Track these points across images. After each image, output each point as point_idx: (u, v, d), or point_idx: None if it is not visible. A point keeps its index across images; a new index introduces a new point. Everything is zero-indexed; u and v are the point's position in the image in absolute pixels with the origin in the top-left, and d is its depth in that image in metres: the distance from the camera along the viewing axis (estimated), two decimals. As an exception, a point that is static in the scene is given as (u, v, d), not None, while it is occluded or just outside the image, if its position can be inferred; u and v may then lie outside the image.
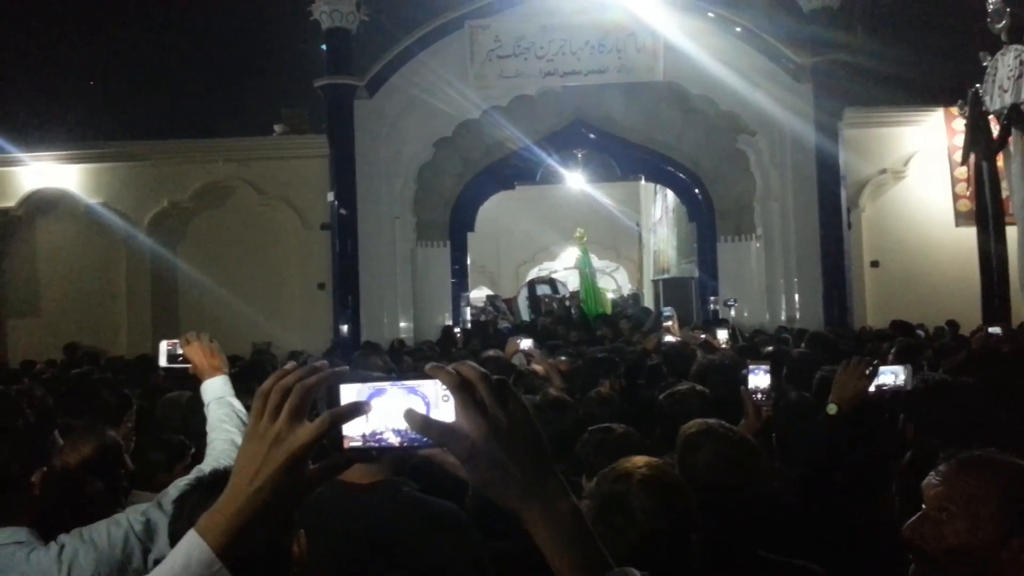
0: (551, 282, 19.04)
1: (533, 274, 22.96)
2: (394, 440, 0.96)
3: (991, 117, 9.65)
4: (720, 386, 3.85)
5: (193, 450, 3.19)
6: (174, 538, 1.65)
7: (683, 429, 2.12)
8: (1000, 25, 9.16)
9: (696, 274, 15.47)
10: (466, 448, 0.91)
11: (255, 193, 13.51)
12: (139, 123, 14.01)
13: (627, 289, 25.15)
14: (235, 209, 13.67)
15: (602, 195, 22.34)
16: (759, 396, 3.22)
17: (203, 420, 2.58)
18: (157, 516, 1.95)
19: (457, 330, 10.64)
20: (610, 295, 19.78)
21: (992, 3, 9.16)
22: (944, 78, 10.98)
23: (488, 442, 0.90)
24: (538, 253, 25.55)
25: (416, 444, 0.95)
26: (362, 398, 0.96)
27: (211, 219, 13.71)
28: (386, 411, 0.96)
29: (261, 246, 13.54)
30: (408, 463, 2.39)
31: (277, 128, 13.85)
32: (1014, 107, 9.02)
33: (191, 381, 2.90)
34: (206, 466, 2.27)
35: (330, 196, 12.81)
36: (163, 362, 2.88)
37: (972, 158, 10.16)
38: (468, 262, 15.47)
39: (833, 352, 5.29)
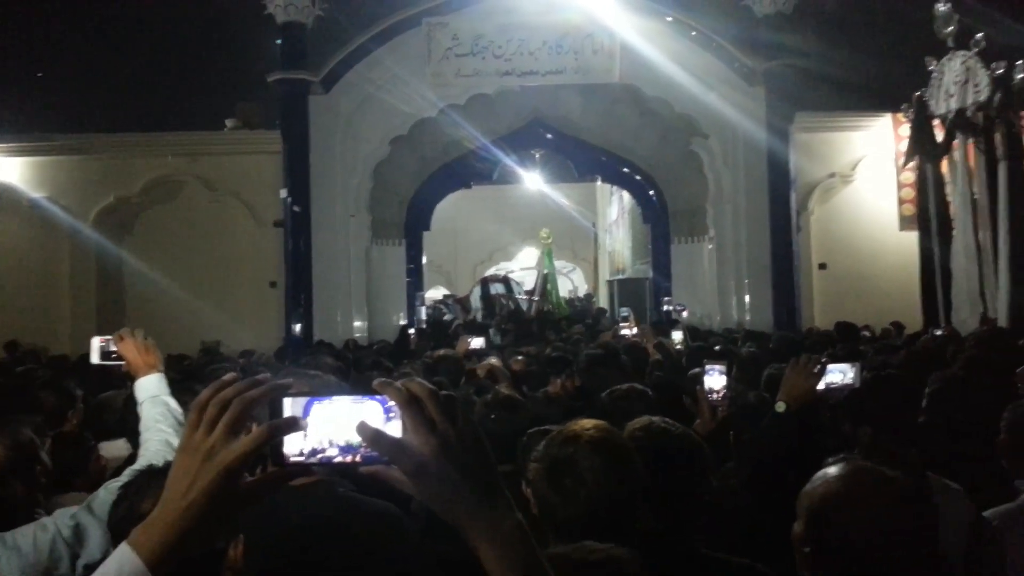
0: (506, 281, 18.92)
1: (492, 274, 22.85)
2: (338, 455, 0.94)
3: (936, 122, 9.85)
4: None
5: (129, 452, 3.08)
6: (115, 528, 1.66)
7: (627, 427, 2.08)
8: (947, 31, 9.35)
9: (650, 275, 15.62)
10: (414, 464, 0.90)
11: (206, 189, 13.21)
12: (86, 116, 13.58)
13: (582, 290, 25.27)
14: (185, 205, 13.34)
15: (559, 196, 22.41)
16: (715, 396, 3.20)
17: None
18: (87, 520, 1.89)
19: (412, 331, 10.55)
20: (563, 295, 19.79)
21: (939, 9, 9.35)
22: (894, 83, 11.18)
23: (437, 458, 0.90)
24: (495, 253, 25.57)
25: (361, 460, 0.94)
26: (299, 408, 0.94)
27: (160, 215, 13.36)
28: (331, 423, 0.94)
29: (212, 243, 13.23)
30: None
31: (229, 123, 13.54)
32: (959, 112, 9.22)
33: (127, 379, 2.80)
34: (139, 467, 2.18)
35: (283, 193, 12.58)
36: (95, 359, 2.78)
37: (916, 162, 10.36)
38: (424, 261, 15.42)
39: (798, 353, 5.32)
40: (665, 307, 14.22)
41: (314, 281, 12.71)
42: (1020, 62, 8.66)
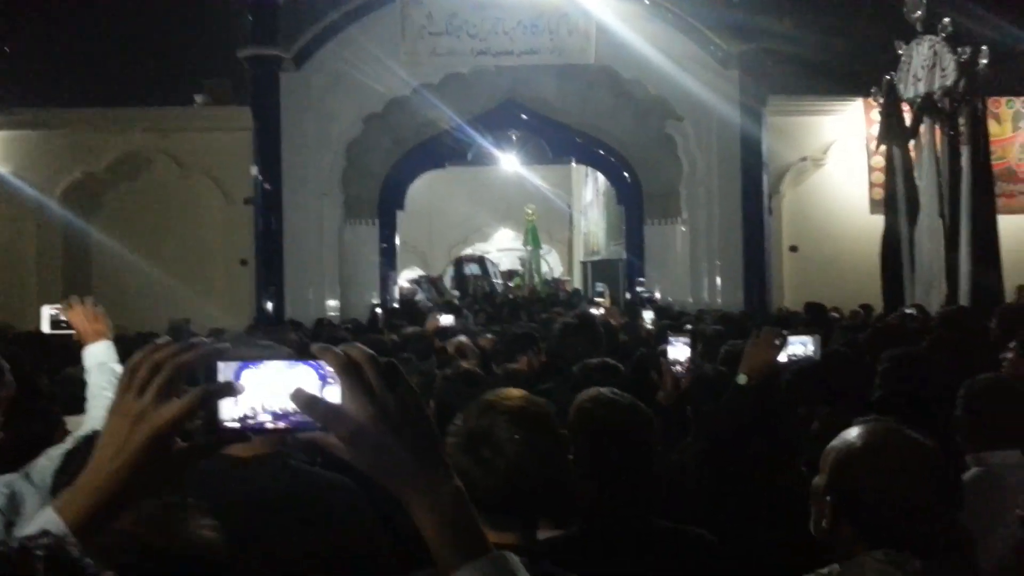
0: (480, 261, 18.77)
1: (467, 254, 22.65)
2: (272, 421, 0.92)
3: (905, 105, 9.93)
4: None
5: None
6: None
7: (577, 398, 2.09)
8: (916, 15, 9.41)
9: (624, 256, 15.67)
10: (350, 430, 0.88)
11: (175, 165, 12.98)
12: (52, 90, 13.28)
13: (557, 271, 25.29)
14: (154, 181, 13.11)
15: (535, 177, 22.36)
16: (677, 368, 3.20)
17: None
18: (23, 488, 1.85)
19: (379, 310, 10.49)
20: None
21: (909, -7, 9.40)
22: (867, 67, 11.25)
23: (375, 425, 0.88)
24: (471, 234, 25.47)
25: (297, 426, 0.91)
26: (231, 373, 0.92)
27: (128, 191, 13.12)
28: (262, 388, 0.92)
29: (181, 220, 13.05)
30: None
31: (198, 99, 13.32)
32: (927, 96, 9.30)
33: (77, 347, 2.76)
34: (83, 434, 2.14)
35: (254, 170, 12.43)
36: (46, 327, 2.76)
37: (886, 147, 10.45)
38: (398, 241, 15.30)
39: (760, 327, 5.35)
40: (639, 288, 14.29)
41: (285, 259, 12.59)
42: (984, 48, 8.74)
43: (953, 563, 1.53)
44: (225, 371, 0.93)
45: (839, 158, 13.55)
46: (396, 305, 13.80)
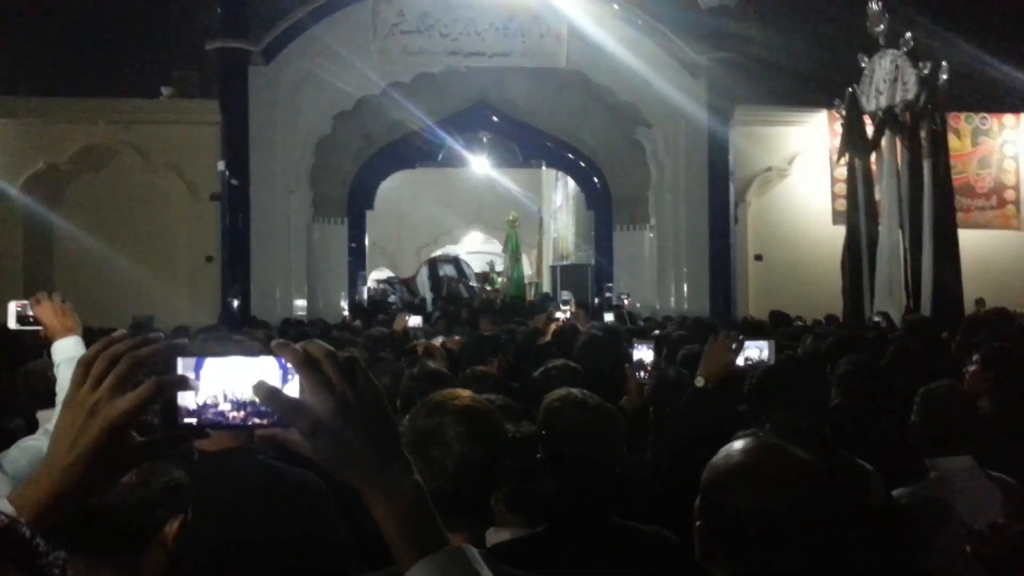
0: (455, 261, 18.54)
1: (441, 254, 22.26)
2: (231, 413, 0.92)
3: (866, 118, 10.13)
4: (599, 361, 3.89)
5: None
6: None
7: (546, 398, 2.11)
8: (878, 29, 9.60)
9: (593, 261, 15.75)
10: (310, 424, 0.87)
11: (140, 158, 12.71)
12: (15, 78, 12.96)
13: (526, 276, 25.30)
14: (118, 174, 12.84)
15: (506, 180, 22.37)
16: (642, 373, 3.25)
17: None
18: None
19: (346, 313, 10.45)
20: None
21: (871, 7, 9.58)
22: (832, 79, 11.45)
23: (335, 419, 0.87)
24: (440, 236, 25.39)
25: (256, 422, 0.92)
26: (191, 367, 0.92)
27: (92, 183, 12.85)
28: (224, 381, 0.92)
29: (146, 214, 12.80)
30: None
31: (165, 91, 13.09)
32: (888, 109, 9.49)
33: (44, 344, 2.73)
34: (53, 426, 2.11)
35: (220, 165, 12.28)
36: (12, 323, 2.72)
37: (847, 157, 10.64)
38: (367, 241, 15.21)
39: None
40: (608, 294, 14.37)
41: (252, 257, 12.47)
42: (944, 64, 8.95)
43: None
44: (186, 366, 0.92)
45: (803, 169, 13.78)
46: (365, 306, 13.72)
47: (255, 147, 12.43)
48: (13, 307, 2.69)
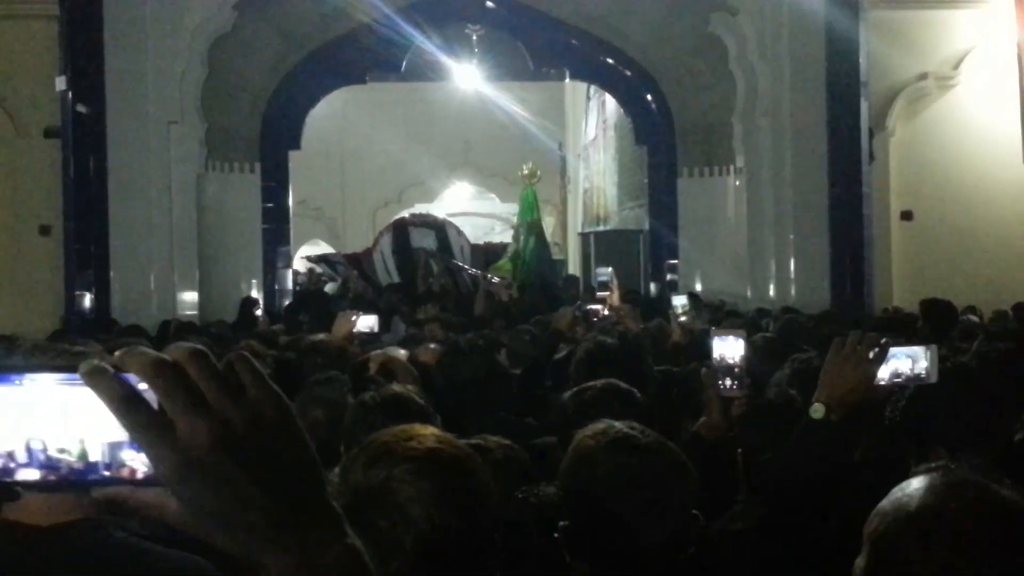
0: (439, 228, 18.26)
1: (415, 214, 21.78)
2: (32, 466, 0.92)
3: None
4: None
5: None
6: None
7: (576, 436, 2.14)
8: None
9: (646, 225, 15.73)
10: (175, 464, 0.86)
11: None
12: None
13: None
14: None
15: (509, 101, 22.40)
16: (729, 382, 3.21)
17: None
18: None
19: (259, 312, 10.48)
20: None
21: None
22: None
23: (211, 454, 0.86)
24: (407, 190, 25.58)
25: (85, 474, 0.91)
26: None
27: None
28: (24, 417, 0.91)
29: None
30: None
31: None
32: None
33: None
34: None
35: (60, 83, 12.35)
36: None
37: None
38: (291, 200, 15.25)
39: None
40: (672, 277, 14.47)
41: (112, 226, 12.64)
42: None
43: None
44: None
45: (978, 76, 13.70)
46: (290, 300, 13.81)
47: (114, 55, 12.53)
48: None
